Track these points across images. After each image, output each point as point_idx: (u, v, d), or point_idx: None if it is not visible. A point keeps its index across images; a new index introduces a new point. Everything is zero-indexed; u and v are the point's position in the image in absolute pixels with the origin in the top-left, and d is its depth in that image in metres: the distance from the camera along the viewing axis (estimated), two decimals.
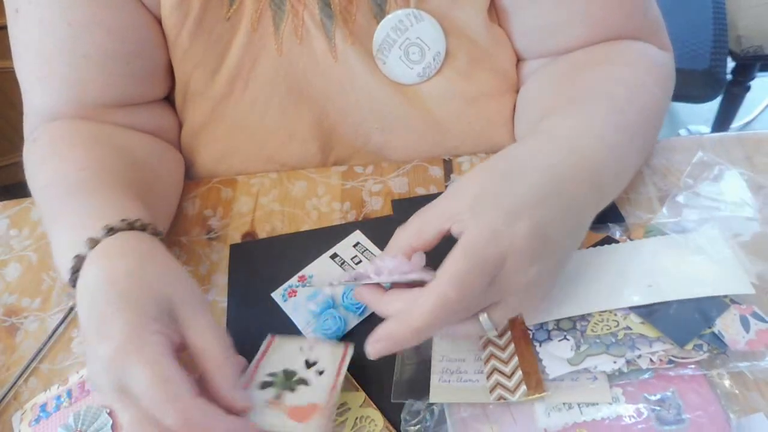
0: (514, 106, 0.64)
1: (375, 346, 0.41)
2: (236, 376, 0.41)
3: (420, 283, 0.41)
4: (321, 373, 0.45)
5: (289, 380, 0.44)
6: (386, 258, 0.43)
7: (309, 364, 0.45)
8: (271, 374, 0.45)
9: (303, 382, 0.44)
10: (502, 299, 0.41)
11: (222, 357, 0.40)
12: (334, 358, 0.45)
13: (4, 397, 0.51)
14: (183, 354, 0.41)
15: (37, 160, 0.55)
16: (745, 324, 0.45)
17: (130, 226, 0.45)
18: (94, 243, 0.43)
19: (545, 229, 0.40)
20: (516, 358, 0.45)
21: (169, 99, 0.65)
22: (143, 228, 0.45)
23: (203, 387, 0.40)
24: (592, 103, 0.50)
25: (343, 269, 0.55)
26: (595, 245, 0.51)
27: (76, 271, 0.43)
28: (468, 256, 0.39)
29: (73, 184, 0.50)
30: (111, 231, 0.44)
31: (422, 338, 0.40)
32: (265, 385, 0.44)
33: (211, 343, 0.40)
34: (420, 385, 0.46)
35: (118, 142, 0.58)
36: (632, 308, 0.46)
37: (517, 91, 0.64)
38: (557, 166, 0.43)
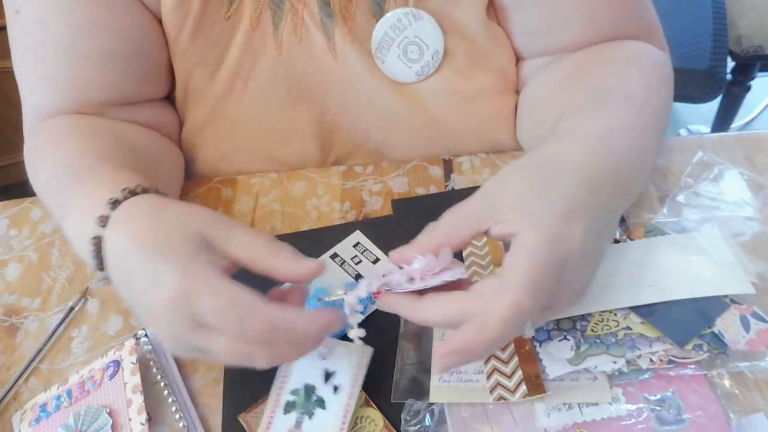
0: (514, 105, 0.64)
1: (447, 360, 0.38)
2: (293, 251, 0.40)
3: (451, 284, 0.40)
4: (336, 389, 0.46)
5: (309, 400, 0.46)
6: (414, 260, 0.41)
7: (327, 375, 0.47)
8: (294, 391, 0.46)
9: (320, 403, 0.46)
10: (554, 304, 0.40)
11: (272, 246, 0.40)
12: (350, 368, 0.47)
13: (4, 397, 0.51)
14: None
15: (38, 156, 0.55)
16: (745, 324, 0.45)
17: (133, 193, 0.44)
18: (105, 220, 0.43)
19: (595, 231, 0.40)
20: (516, 358, 0.45)
21: (169, 98, 0.65)
22: (146, 191, 0.45)
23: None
24: (614, 103, 0.49)
25: (344, 269, 0.55)
26: None
27: (98, 253, 0.43)
28: (537, 262, 0.37)
29: (75, 172, 0.50)
30: (116, 203, 0.43)
31: (495, 348, 0.38)
32: (287, 408, 0.46)
33: (255, 244, 0.40)
34: (420, 385, 0.46)
35: (118, 133, 0.58)
36: (632, 308, 0.46)
37: (517, 91, 0.64)
38: (594, 167, 0.42)
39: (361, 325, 0.51)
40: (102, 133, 0.56)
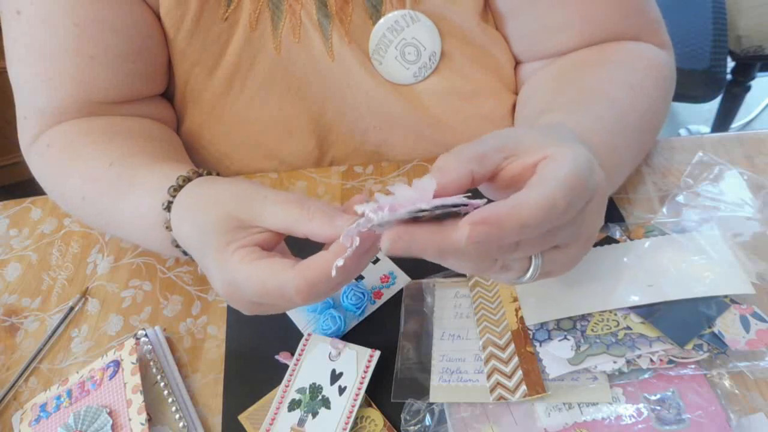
0: (511, 104, 0.64)
1: (476, 230, 0.33)
2: (326, 210, 0.39)
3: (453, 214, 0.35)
4: (342, 391, 0.46)
5: (314, 399, 0.46)
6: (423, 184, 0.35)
7: (335, 376, 0.47)
8: (300, 390, 0.47)
9: (325, 403, 0.46)
10: (566, 243, 0.38)
11: (304, 213, 0.39)
12: (358, 371, 0.47)
13: (4, 397, 0.51)
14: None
15: (67, 158, 0.56)
16: (745, 324, 0.45)
17: (179, 186, 0.47)
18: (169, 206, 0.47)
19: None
20: (516, 358, 0.45)
21: (165, 95, 0.65)
22: (188, 179, 0.47)
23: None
24: (595, 104, 0.50)
25: None
26: (595, 245, 0.51)
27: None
28: (577, 172, 0.35)
29: (152, 158, 0.53)
30: (169, 204, 0.47)
31: (518, 236, 0.34)
32: (292, 405, 0.46)
33: (286, 213, 0.40)
34: (420, 385, 0.46)
35: (141, 130, 0.59)
36: (632, 308, 0.46)
37: (515, 92, 0.64)
38: None
39: (360, 325, 0.51)
40: (136, 132, 0.58)
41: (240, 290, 0.40)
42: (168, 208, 0.47)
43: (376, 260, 0.55)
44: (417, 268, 0.54)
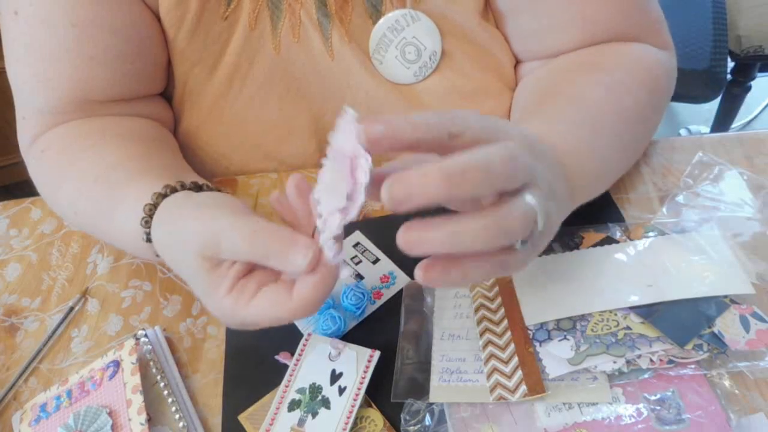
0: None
1: (453, 179, 0.33)
2: (282, 244, 0.39)
3: None
4: (342, 391, 0.46)
5: (314, 399, 0.46)
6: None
7: (334, 376, 0.47)
8: (300, 390, 0.47)
9: (325, 403, 0.46)
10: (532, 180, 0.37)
11: (261, 251, 0.39)
12: (358, 371, 0.47)
13: (4, 397, 0.51)
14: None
15: (65, 162, 0.56)
16: (745, 324, 0.45)
17: (155, 205, 0.46)
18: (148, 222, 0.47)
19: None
20: (516, 358, 0.45)
21: (163, 94, 0.65)
22: (153, 208, 0.47)
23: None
24: (576, 109, 0.50)
25: None
26: (595, 245, 0.51)
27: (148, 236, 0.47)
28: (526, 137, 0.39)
29: (132, 170, 0.52)
30: (147, 235, 0.46)
31: (492, 184, 0.34)
32: (292, 406, 0.46)
33: (243, 254, 0.39)
34: (420, 385, 0.46)
35: (140, 131, 0.59)
36: (632, 308, 0.46)
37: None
38: None
39: (360, 325, 0.51)
40: (135, 136, 0.58)
41: (248, 326, 0.41)
42: (148, 239, 0.46)
43: (376, 260, 0.55)
44: None
